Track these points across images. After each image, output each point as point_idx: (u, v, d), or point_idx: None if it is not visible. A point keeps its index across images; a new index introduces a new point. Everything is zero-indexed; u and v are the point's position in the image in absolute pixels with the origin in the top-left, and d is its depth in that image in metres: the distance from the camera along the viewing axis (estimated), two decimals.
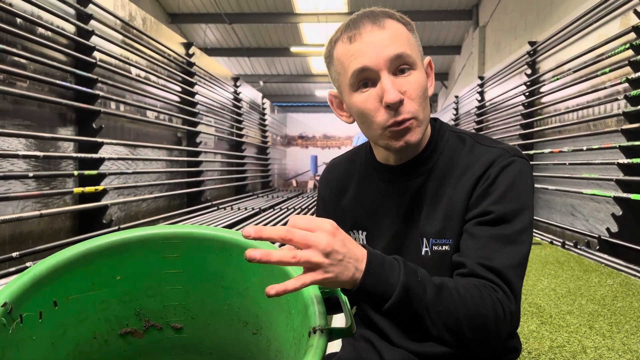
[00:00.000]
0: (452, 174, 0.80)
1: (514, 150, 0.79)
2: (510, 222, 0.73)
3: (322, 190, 0.99)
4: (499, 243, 0.71)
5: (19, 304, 0.60)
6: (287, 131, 16.20)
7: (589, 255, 3.49)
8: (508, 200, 0.73)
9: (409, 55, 0.74)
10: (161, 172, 5.08)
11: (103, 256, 0.69)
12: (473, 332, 0.64)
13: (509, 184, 0.74)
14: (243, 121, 8.41)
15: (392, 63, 0.74)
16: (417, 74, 0.76)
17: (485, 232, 0.72)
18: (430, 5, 9.69)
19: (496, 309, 0.65)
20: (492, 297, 0.66)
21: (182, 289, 0.75)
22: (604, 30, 3.91)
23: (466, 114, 8.52)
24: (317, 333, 0.56)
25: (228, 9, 10.00)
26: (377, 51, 0.73)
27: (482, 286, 0.67)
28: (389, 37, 0.74)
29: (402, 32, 0.76)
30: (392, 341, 0.86)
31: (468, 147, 0.82)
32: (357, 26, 0.76)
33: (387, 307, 0.62)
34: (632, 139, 3.35)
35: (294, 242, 0.56)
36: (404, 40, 0.75)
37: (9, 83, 2.94)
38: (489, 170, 0.76)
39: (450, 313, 0.63)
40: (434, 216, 0.80)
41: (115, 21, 4.22)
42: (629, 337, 1.88)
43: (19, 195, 2.92)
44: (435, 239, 0.79)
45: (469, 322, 0.64)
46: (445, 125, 0.87)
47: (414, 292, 0.62)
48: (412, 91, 0.75)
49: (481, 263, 0.70)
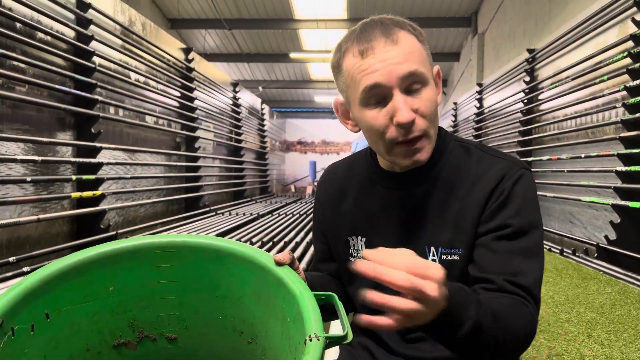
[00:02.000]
0: (460, 185, 0.81)
1: (521, 162, 0.81)
2: (528, 235, 0.75)
3: (321, 194, 0.99)
4: (522, 258, 0.73)
5: (11, 317, 0.59)
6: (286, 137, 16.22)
7: (587, 262, 3.48)
8: (524, 214, 0.75)
9: (421, 73, 0.74)
10: (159, 177, 5.07)
11: (95, 267, 0.68)
12: (507, 348, 0.67)
13: (523, 197, 0.76)
14: (242, 126, 8.41)
15: (405, 81, 0.73)
16: (428, 91, 0.75)
17: (506, 246, 0.74)
18: (430, 12, 9.72)
19: (527, 325, 0.69)
20: (526, 313, 0.70)
21: (176, 299, 0.74)
22: (602, 38, 3.92)
23: (465, 120, 8.53)
24: (314, 341, 0.56)
25: (228, 14, 10.03)
26: (389, 68, 0.72)
27: (517, 303, 0.70)
28: (403, 54, 0.73)
29: (415, 47, 0.75)
30: (391, 348, 0.86)
31: (476, 157, 0.82)
32: (369, 39, 0.74)
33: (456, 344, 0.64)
34: (630, 147, 3.35)
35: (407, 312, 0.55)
36: (417, 57, 0.75)
37: (8, 87, 2.94)
38: (501, 184, 0.77)
39: (498, 339, 0.65)
40: (443, 226, 0.80)
41: (115, 26, 4.23)
42: (627, 345, 1.87)
43: (16, 200, 2.91)
44: (445, 249, 0.80)
45: (507, 341, 0.66)
46: (450, 135, 0.88)
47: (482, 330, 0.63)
48: (424, 109, 0.75)
49: (508, 280, 0.72)
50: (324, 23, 9.89)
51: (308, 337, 0.56)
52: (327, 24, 9.90)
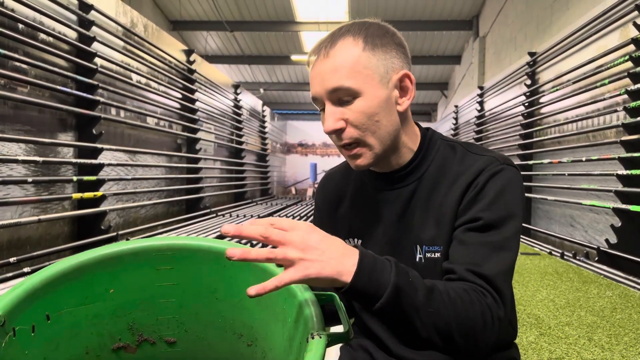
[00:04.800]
0: (443, 182, 0.81)
1: (504, 158, 0.80)
2: (499, 229, 0.73)
3: (319, 200, 1.01)
4: (488, 249, 0.72)
5: (12, 317, 0.59)
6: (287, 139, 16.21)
7: (588, 266, 3.48)
8: (497, 207, 0.74)
9: (347, 88, 0.75)
10: (160, 178, 5.08)
11: (96, 269, 0.69)
12: (461, 335, 0.65)
13: (498, 191, 0.75)
14: (243, 128, 8.42)
15: (332, 94, 0.77)
16: (362, 101, 0.76)
17: (474, 238, 0.73)
18: (431, 16, 9.74)
19: (485, 314, 0.66)
20: (482, 302, 0.67)
21: (175, 301, 0.74)
22: (604, 42, 3.92)
23: (465, 123, 8.53)
24: (316, 338, 0.56)
25: (229, 16, 10.05)
26: (319, 82, 0.77)
27: (471, 290, 0.68)
28: (331, 69, 0.76)
29: (349, 58, 0.75)
30: (391, 351, 0.85)
31: (459, 156, 0.83)
32: (314, 51, 0.79)
33: (377, 306, 0.62)
34: (631, 151, 3.35)
35: (271, 240, 0.58)
36: (348, 70, 0.75)
37: (10, 88, 2.95)
38: (478, 178, 0.77)
39: (440, 315, 0.64)
40: (426, 224, 0.81)
41: (117, 28, 4.24)
42: (628, 349, 1.87)
43: (17, 201, 2.92)
44: (428, 246, 0.80)
45: (458, 325, 0.64)
46: (437, 135, 0.88)
47: (405, 293, 0.63)
48: (353, 119, 0.77)
49: (470, 269, 0.70)
50: (326, 25, 9.91)
51: (310, 335, 0.57)
52: (328, 26, 9.91)
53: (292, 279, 0.57)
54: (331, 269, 0.60)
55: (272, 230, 0.59)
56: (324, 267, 0.59)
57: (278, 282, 0.57)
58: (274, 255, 0.57)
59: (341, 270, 0.60)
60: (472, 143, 0.87)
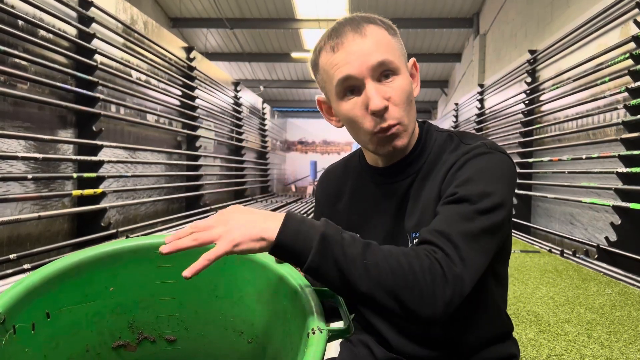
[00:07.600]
0: (435, 172, 0.81)
1: (494, 145, 0.79)
2: (474, 204, 0.69)
3: (319, 195, 1.01)
4: (457, 217, 0.68)
5: (13, 315, 0.58)
6: (287, 136, 16.22)
7: (587, 264, 3.48)
8: (473, 183, 0.72)
9: (391, 62, 0.76)
10: (160, 175, 5.08)
11: (96, 267, 0.68)
12: (406, 288, 0.60)
13: (477, 169, 0.74)
14: (243, 126, 8.41)
15: (375, 70, 0.75)
16: (400, 79, 0.77)
17: (447, 210, 0.70)
18: (431, 13, 9.72)
19: (432, 267, 0.61)
20: (430, 256, 0.63)
21: (176, 299, 0.74)
22: (604, 40, 3.92)
23: (466, 121, 8.53)
24: (317, 333, 0.56)
25: (229, 14, 10.03)
26: (360, 59, 0.74)
27: (421, 248, 0.65)
28: (371, 44, 0.75)
29: (384, 38, 0.77)
30: (391, 346, 0.86)
31: (453, 146, 0.83)
32: (339, 35, 0.77)
33: (309, 260, 0.60)
34: (631, 148, 3.35)
35: (199, 232, 0.60)
36: (386, 47, 0.76)
37: (9, 85, 2.94)
38: (460, 159, 0.77)
39: (380, 268, 0.60)
40: (415, 212, 0.81)
41: (117, 24, 4.23)
42: (627, 346, 1.87)
43: (17, 197, 2.92)
44: (415, 233, 0.80)
45: (400, 278, 0.60)
46: (434, 127, 0.89)
47: (335, 241, 0.61)
48: (396, 97, 0.76)
49: (430, 229, 0.68)
50: (326, 23, 9.88)
51: (311, 330, 0.57)
52: (328, 23, 9.73)
53: (218, 251, 0.57)
54: (256, 231, 0.60)
55: (197, 225, 0.60)
56: (248, 230, 0.59)
57: (207, 257, 0.57)
58: (199, 241, 0.59)
59: (266, 228, 0.60)
60: (467, 132, 0.86)
